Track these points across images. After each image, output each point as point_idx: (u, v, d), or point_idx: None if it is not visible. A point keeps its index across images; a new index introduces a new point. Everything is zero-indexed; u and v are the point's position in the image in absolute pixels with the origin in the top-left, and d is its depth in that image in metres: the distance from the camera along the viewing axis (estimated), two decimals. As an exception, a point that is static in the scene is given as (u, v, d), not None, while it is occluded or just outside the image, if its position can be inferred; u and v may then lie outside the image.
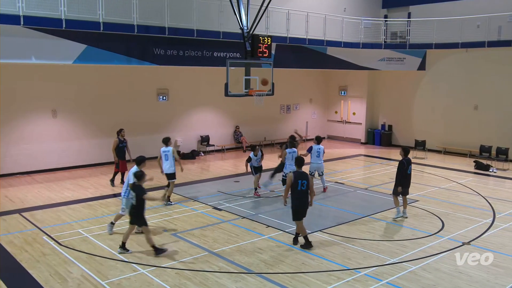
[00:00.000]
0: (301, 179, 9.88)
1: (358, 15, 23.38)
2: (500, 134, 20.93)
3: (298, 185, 9.87)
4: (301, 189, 9.90)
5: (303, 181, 9.89)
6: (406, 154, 12.23)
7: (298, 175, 9.95)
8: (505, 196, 14.98)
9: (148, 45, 16.09)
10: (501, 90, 21.01)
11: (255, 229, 11.42)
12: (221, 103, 21.82)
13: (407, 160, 12.15)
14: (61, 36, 14.20)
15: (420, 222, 12.03)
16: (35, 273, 8.80)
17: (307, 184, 9.93)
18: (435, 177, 17.67)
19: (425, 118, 23.78)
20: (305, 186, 9.91)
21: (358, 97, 26.27)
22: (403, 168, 12.01)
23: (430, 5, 23.61)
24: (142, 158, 10.85)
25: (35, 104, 17.04)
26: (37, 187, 15.34)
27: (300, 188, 9.88)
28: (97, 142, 18.65)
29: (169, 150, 13.30)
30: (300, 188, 9.88)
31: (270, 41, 15.21)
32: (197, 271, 8.98)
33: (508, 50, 20.51)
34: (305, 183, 9.90)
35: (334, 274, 8.90)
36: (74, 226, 11.55)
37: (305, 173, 10.18)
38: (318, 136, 15.31)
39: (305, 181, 9.90)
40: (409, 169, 12.12)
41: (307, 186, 9.95)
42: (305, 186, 9.91)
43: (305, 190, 9.95)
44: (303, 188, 9.91)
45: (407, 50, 23.03)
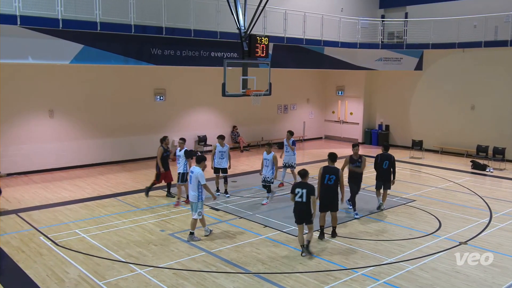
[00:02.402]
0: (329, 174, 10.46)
1: (355, 15, 23.42)
2: (496, 134, 20.98)
3: (325, 179, 10.46)
4: (328, 183, 10.45)
5: (331, 175, 10.43)
6: (384, 149, 13.04)
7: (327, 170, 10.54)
8: (501, 195, 15.02)
9: (145, 45, 16.06)
10: (498, 90, 21.07)
11: (253, 229, 11.42)
12: (219, 103, 21.81)
13: (381, 155, 12.87)
14: (58, 36, 14.17)
15: (417, 222, 12.06)
16: (32, 274, 8.78)
17: (335, 179, 10.44)
18: (432, 177, 17.71)
19: (422, 118, 23.82)
20: (332, 180, 10.43)
21: (355, 97, 26.29)
22: (376, 163, 12.91)
23: (427, 5, 23.66)
24: (202, 156, 10.81)
25: (32, 104, 16.99)
26: (34, 187, 15.30)
27: (327, 182, 10.45)
28: (94, 142, 18.62)
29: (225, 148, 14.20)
30: (327, 182, 10.45)
31: (268, 41, 15.24)
32: (194, 271, 8.98)
33: (505, 50, 20.57)
34: (333, 178, 10.44)
35: (332, 274, 8.91)
36: (71, 226, 11.53)
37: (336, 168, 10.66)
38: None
39: (333, 176, 10.43)
40: (384, 164, 12.75)
41: (335, 181, 10.45)
42: (333, 180, 10.44)
43: (333, 184, 10.46)
44: (330, 183, 10.44)
45: (404, 50, 23.08)
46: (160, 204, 13.47)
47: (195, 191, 10.43)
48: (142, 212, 12.74)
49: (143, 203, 13.57)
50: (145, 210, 12.94)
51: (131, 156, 19.64)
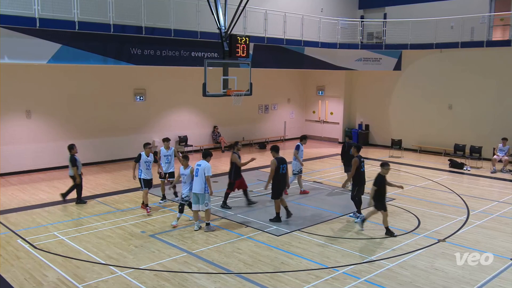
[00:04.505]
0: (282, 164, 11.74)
1: (335, 16, 23.61)
2: (473, 133, 21.37)
3: (280, 169, 11.66)
4: (282, 172, 11.72)
5: (284, 165, 11.76)
6: (349, 139, 16.10)
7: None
8: (478, 193, 15.30)
9: (125, 44, 15.92)
10: (475, 89, 21.45)
11: (234, 229, 11.41)
12: (199, 103, 21.74)
13: (348, 143, 15.63)
14: (35, 35, 13.94)
15: (396, 220, 12.20)
16: (10, 277, 8.61)
17: (286, 168, 11.86)
18: (411, 175, 17.95)
19: (401, 118, 24.13)
20: (285, 169, 11.78)
21: (335, 97, 26.49)
22: (344, 151, 15.61)
23: (406, 6, 23.99)
24: (208, 152, 11.55)
25: (9, 104, 16.67)
26: (10, 189, 15.02)
27: (282, 171, 11.70)
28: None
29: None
30: (281, 171, 11.69)
31: (248, 41, 15.24)
32: (175, 272, 8.93)
33: (481, 50, 20.96)
34: (285, 166, 11.79)
35: (313, 273, 8.96)
36: (49, 228, 11.35)
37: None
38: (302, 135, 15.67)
39: (285, 165, 11.78)
40: (350, 151, 14.22)
41: (286, 169, 11.86)
42: (285, 169, 11.80)
43: (285, 172, 11.83)
44: (284, 172, 11.74)
45: (383, 50, 23.34)
46: (139, 205, 13.34)
47: (202, 184, 10.95)
48: (122, 213, 12.62)
49: (123, 204, 13.44)
50: (125, 211, 12.82)
51: (110, 157, 19.43)
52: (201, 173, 10.95)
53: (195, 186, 11.06)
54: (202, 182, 10.94)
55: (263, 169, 18.46)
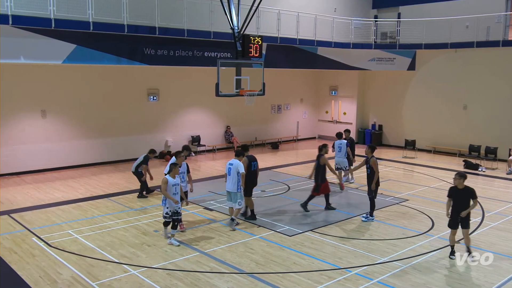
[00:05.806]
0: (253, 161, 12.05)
1: (348, 16, 23.48)
2: (489, 133, 21.11)
3: (251, 167, 11.95)
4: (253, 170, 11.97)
5: (254, 162, 12.04)
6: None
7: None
8: (493, 195, 15.12)
9: (138, 45, 16.02)
10: (490, 90, 21.20)
11: (246, 229, 11.42)
12: (212, 103, 21.79)
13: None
14: (50, 36, 14.09)
15: (410, 221, 12.11)
16: (25, 275, 8.73)
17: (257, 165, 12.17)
18: (425, 176, 17.79)
19: (415, 118, 23.92)
20: (256, 166, 12.07)
21: (348, 97, 26.36)
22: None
23: (420, 5, 23.76)
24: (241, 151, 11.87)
25: (24, 104, 16.88)
26: (26, 188, 15.21)
27: (253, 169, 11.99)
28: (87, 143, 18.55)
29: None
30: (253, 169, 11.97)
31: (261, 41, 15.24)
32: (188, 271, 8.96)
33: (497, 50, 20.70)
34: (256, 164, 12.09)
35: (325, 273, 8.93)
36: (64, 227, 11.47)
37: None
38: (338, 132, 16.22)
39: (256, 163, 12.08)
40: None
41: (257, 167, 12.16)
42: (256, 166, 12.09)
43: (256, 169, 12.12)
44: (254, 169, 12.01)
45: (397, 50, 23.17)
46: (153, 204, 13.43)
47: (235, 183, 11.18)
48: (136, 212, 12.70)
49: (136, 204, 13.53)
50: (139, 210, 12.90)
51: (124, 156, 19.55)
52: (233, 171, 11.19)
53: (228, 184, 11.36)
54: (235, 180, 11.19)
55: (275, 169, 18.46)
